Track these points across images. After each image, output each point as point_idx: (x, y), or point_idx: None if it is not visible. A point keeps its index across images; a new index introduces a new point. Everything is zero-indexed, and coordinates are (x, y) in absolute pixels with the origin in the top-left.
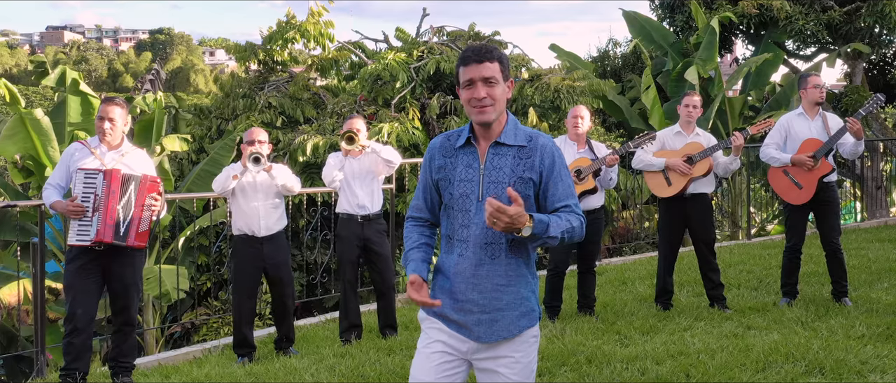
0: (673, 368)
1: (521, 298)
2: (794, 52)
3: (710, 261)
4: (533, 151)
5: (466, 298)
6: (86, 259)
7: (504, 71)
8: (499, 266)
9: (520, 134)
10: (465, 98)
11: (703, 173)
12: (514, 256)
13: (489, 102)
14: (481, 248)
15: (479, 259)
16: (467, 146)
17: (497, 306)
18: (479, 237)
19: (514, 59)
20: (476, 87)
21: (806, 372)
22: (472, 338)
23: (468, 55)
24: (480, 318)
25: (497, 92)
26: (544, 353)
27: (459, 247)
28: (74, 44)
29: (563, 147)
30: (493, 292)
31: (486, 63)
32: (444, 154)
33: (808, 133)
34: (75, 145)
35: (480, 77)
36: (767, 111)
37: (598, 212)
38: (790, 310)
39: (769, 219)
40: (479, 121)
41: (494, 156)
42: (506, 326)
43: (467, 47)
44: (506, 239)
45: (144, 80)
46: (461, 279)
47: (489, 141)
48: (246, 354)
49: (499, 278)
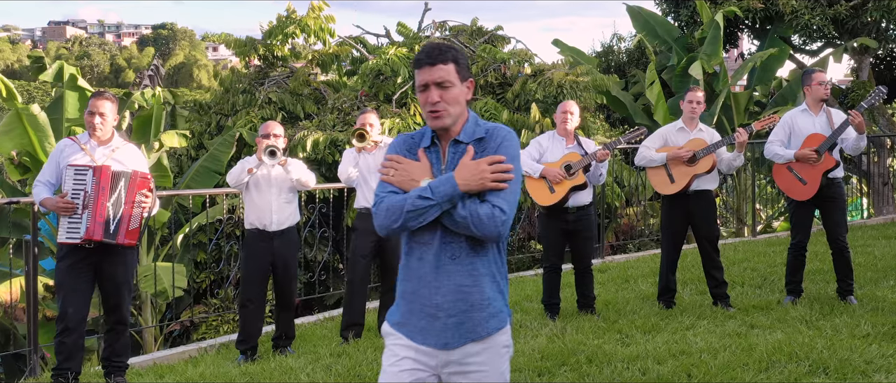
0: (674, 368)
1: (488, 299)
2: (800, 47)
3: (714, 259)
4: (488, 143)
5: (431, 303)
6: (76, 257)
7: (460, 71)
8: (461, 266)
9: (479, 129)
10: (421, 101)
11: (706, 170)
12: (477, 255)
13: (443, 107)
14: (443, 249)
15: (441, 260)
16: (432, 146)
17: (462, 308)
18: (441, 236)
19: (516, 55)
20: (429, 92)
21: (809, 372)
22: (439, 346)
23: (421, 58)
24: (447, 323)
25: (451, 95)
26: (544, 353)
27: (420, 249)
28: (77, 39)
29: (552, 142)
30: (457, 294)
31: (438, 66)
32: (409, 150)
33: (812, 128)
34: (65, 141)
35: (433, 81)
36: (773, 107)
37: (587, 208)
38: (794, 309)
39: (775, 216)
40: (435, 126)
41: (454, 155)
42: (473, 328)
43: (422, 48)
44: (467, 238)
45: (144, 75)
46: (424, 283)
47: (449, 139)
48: (247, 352)
49: (462, 278)
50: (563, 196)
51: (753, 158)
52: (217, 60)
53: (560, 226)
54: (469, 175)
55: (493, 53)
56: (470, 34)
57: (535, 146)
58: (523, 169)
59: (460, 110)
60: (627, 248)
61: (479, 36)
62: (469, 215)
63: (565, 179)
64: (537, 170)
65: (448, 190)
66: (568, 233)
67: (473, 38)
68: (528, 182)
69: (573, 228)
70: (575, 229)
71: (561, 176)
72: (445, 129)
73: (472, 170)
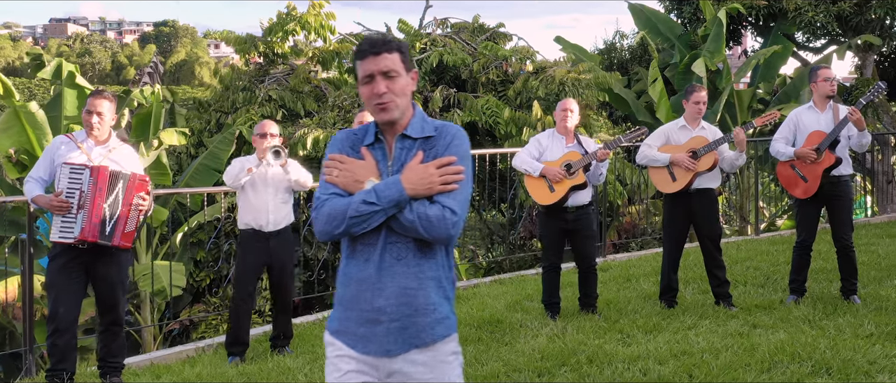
0: (676, 368)
1: (433, 304)
2: (804, 44)
3: (716, 258)
4: (438, 141)
5: (372, 307)
6: (69, 257)
7: (405, 62)
8: (407, 267)
9: (427, 125)
10: (365, 94)
11: (708, 168)
12: (424, 257)
13: (390, 98)
14: (387, 250)
15: (385, 261)
16: (376, 142)
17: (406, 312)
18: (385, 237)
19: (518, 52)
20: (375, 82)
21: (812, 373)
22: (381, 354)
23: (364, 48)
24: (389, 328)
25: (398, 86)
26: (544, 353)
27: (365, 250)
28: (78, 36)
29: (551, 141)
30: (400, 297)
31: (384, 55)
32: (353, 146)
33: (816, 125)
34: (61, 138)
35: (379, 70)
36: (777, 104)
37: (587, 207)
38: (797, 308)
39: (779, 214)
40: (382, 119)
41: (401, 151)
42: (417, 333)
43: (363, 40)
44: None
45: (143, 72)
46: (366, 286)
47: (395, 134)
48: (238, 353)
49: (407, 280)
50: (562, 195)
51: (756, 156)
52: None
53: (559, 225)
54: (416, 179)
55: (494, 51)
56: (472, 31)
57: (534, 144)
58: (523, 167)
59: (407, 103)
60: (630, 247)
61: (481, 33)
62: (417, 218)
63: (565, 178)
64: (537, 169)
65: (394, 194)
66: (567, 232)
67: (475, 35)
68: (528, 180)
69: (573, 228)
70: (574, 228)
71: (561, 175)
72: (392, 123)
73: (419, 173)
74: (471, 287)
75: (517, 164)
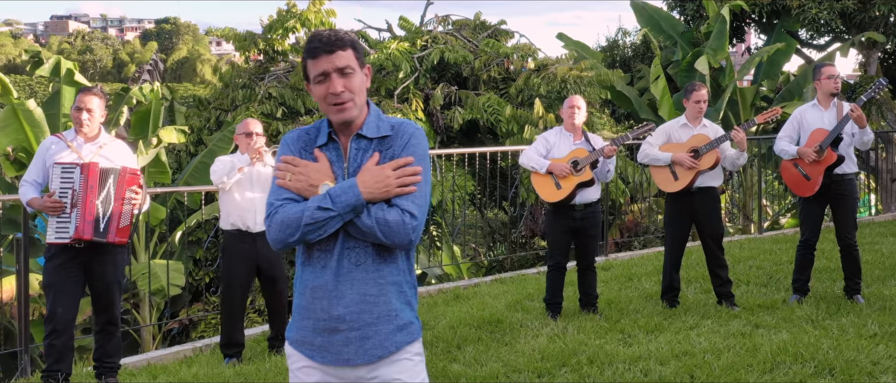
0: (677, 369)
1: (394, 310)
2: (808, 41)
3: (718, 257)
4: (394, 141)
5: (329, 316)
6: (66, 257)
7: (359, 58)
8: (366, 273)
9: (383, 125)
10: (319, 94)
11: (709, 166)
12: (384, 262)
13: (348, 96)
14: (345, 255)
15: (343, 267)
16: (330, 142)
17: (367, 321)
18: (343, 242)
19: (520, 49)
20: (331, 81)
21: (815, 374)
22: (340, 363)
23: (316, 46)
24: (348, 337)
25: (355, 83)
26: (544, 353)
27: (321, 257)
28: (79, 33)
29: (559, 138)
30: (360, 305)
31: (338, 52)
32: (305, 148)
33: (820, 123)
34: (51, 139)
35: (335, 68)
36: (780, 101)
37: (595, 205)
38: (800, 308)
39: (782, 212)
40: (341, 119)
41: (357, 151)
42: (380, 343)
43: (313, 36)
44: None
45: (143, 69)
46: (323, 294)
47: (350, 135)
48: (234, 354)
49: (367, 287)
50: (569, 192)
51: (760, 154)
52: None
53: (566, 223)
54: (372, 181)
55: (496, 48)
56: (473, 28)
57: (541, 142)
58: (530, 164)
59: (363, 101)
60: (632, 246)
61: (483, 30)
62: (375, 223)
63: (572, 175)
64: (543, 166)
65: (350, 199)
66: (574, 230)
67: (477, 32)
68: (534, 178)
69: (580, 226)
70: (581, 227)
71: (567, 171)
72: (349, 123)
73: (375, 175)
74: (471, 286)
75: (524, 162)
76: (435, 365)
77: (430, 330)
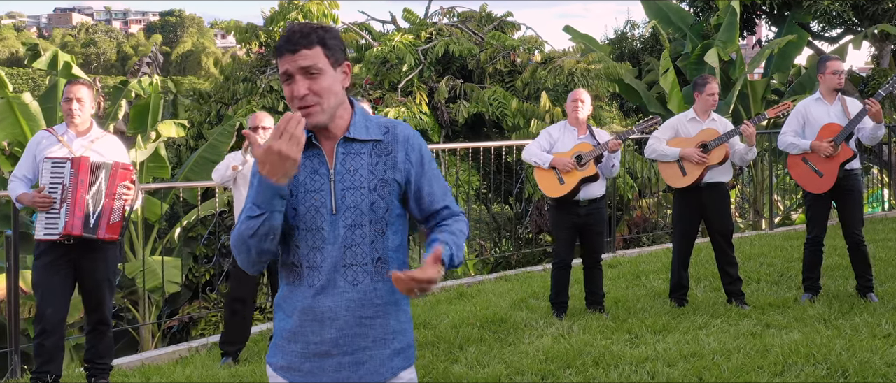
0: (685, 371)
1: (392, 332)
2: (819, 33)
3: (728, 254)
4: (393, 146)
5: (321, 339)
6: (55, 254)
7: (331, 55)
8: (363, 294)
9: (372, 126)
10: (287, 95)
11: (719, 161)
12: (381, 279)
13: (313, 100)
14: (339, 273)
15: (338, 287)
16: (309, 148)
17: (362, 345)
18: (336, 259)
19: (526, 42)
20: (295, 83)
21: (828, 376)
22: None
23: (280, 44)
24: (341, 362)
25: (323, 84)
26: (549, 354)
27: (310, 275)
28: (83, 26)
29: (563, 133)
30: (356, 327)
31: (302, 51)
32: None
33: (827, 118)
34: (42, 133)
35: (298, 68)
36: (791, 94)
37: (599, 201)
38: (812, 307)
39: (794, 207)
40: (308, 125)
41: (346, 156)
42: (375, 368)
43: (284, 32)
44: (371, 257)
45: (142, 61)
46: (313, 316)
47: (336, 138)
48: (232, 354)
49: (363, 309)
50: (572, 187)
51: (771, 148)
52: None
53: (571, 219)
54: (266, 159)
55: (502, 40)
56: (479, 20)
57: (545, 136)
58: (532, 159)
59: (337, 102)
60: (641, 242)
61: (488, 22)
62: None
63: (575, 169)
64: (546, 161)
65: (266, 191)
66: (579, 227)
67: (482, 24)
68: (537, 173)
69: (584, 222)
70: (586, 223)
71: (571, 166)
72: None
73: (265, 153)
74: (476, 284)
75: (526, 157)
76: (436, 366)
77: (431, 329)
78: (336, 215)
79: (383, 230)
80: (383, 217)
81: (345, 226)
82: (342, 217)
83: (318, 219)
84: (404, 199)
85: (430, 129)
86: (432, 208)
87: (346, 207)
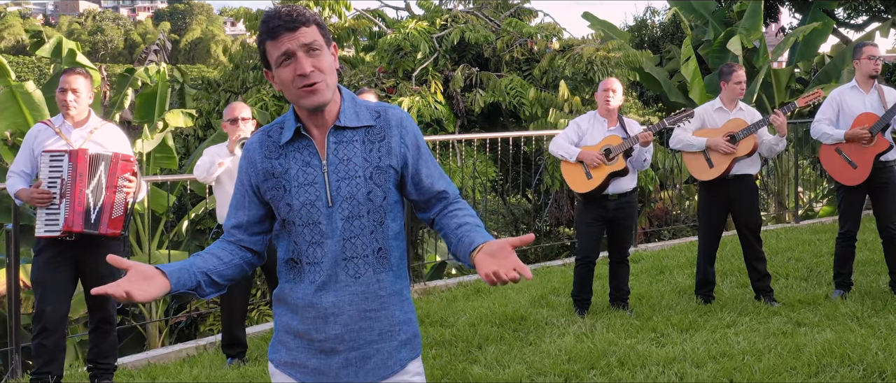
0: (715, 372)
1: (398, 324)
2: (845, 21)
3: (756, 249)
4: (386, 131)
5: (327, 336)
6: (55, 251)
7: (325, 35)
8: (366, 286)
9: (362, 111)
10: (285, 78)
11: (747, 153)
12: (383, 270)
13: (319, 77)
14: (340, 267)
15: (339, 281)
16: (298, 139)
17: (368, 339)
18: (336, 253)
19: (544, 29)
20: (298, 61)
21: (864, 377)
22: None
23: (276, 25)
24: (348, 358)
25: (324, 62)
26: (571, 354)
27: (311, 271)
28: (90, 13)
29: (592, 124)
30: (361, 321)
31: (301, 29)
32: (269, 155)
33: (863, 107)
34: (38, 126)
35: (300, 45)
36: (816, 84)
37: (630, 194)
38: (844, 304)
39: (817, 199)
40: (313, 104)
41: (338, 145)
42: (382, 362)
43: (269, 15)
44: (372, 248)
45: (149, 49)
46: (317, 312)
47: (326, 127)
48: (237, 355)
49: (367, 302)
50: (600, 182)
51: (796, 138)
52: (235, 35)
53: (599, 213)
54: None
55: (519, 27)
56: (495, 7)
57: (574, 128)
58: (559, 153)
59: (335, 82)
60: (662, 235)
61: (505, 9)
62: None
63: (603, 164)
64: (574, 154)
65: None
66: (606, 221)
67: (499, 11)
68: (564, 166)
69: (613, 216)
70: (614, 217)
71: (599, 160)
72: (322, 109)
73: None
74: None
75: (553, 150)
76: (454, 367)
77: (449, 327)
78: (332, 207)
79: (382, 219)
80: (381, 205)
81: (342, 218)
82: (339, 209)
83: (315, 213)
84: (400, 185)
85: (445, 119)
86: (432, 191)
87: (343, 198)
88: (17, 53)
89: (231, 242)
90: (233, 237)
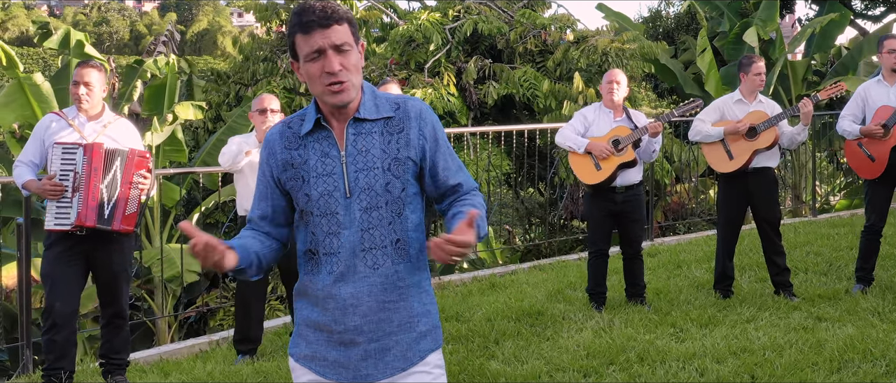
0: (736, 368)
1: (417, 315)
2: (862, 12)
3: (775, 243)
4: (405, 122)
5: (346, 327)
6: (66, 245)
7: (354, 33)
8: (385, 278)
9: (382, 103)
10: (313, 73)
11: (767, 145)
12: (401, 261)
13: (346, 76)
14: (359, 258)
15: (358, 272)
16: (318, 130)
17: (387, 330)
18: (354, 244)
19: (558, 20)
20: (327, 58)
21: (887, 374)
22: (360, 378)
23: (310, 19)
24: (368, 350)
25: (352, 60)
26: (590, 349)
27: (329, 262)
28: (95, 4)
29: (598, 115)
30: (380, 312)
31: (334, 26)
32: (288, 146)
33: (886, 100)
34: (50, 116)
35: (331, 44)
36: (833, 76)
37: (637, 187)
38: (864, 299)
39: (834, 192)
40: (338, 102)
41: (357, 137)
42: (402, 354)
43: (303, 9)
44: (390, 239)
45: (158, 41)
46: (335, 303)
47: (346, 119)
48: (248, 351)
49: (386, 293)
50: (609, 174)
51: (813, 131)
52: (242, 27)
53: (607, 206)
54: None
55: (532, 18)
56: None
57: (579, 119)
58: (566, 144)
59: (360, 81)
60: (678, 229)
61: (518, 0)
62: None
63: (613, 155)
64: (582, 145)
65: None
66: (615, 214)
67: (512, 2)
68: (572, 158)
69: (621, 210)
70: (623, 211)
71: (608, 151)
72: (345, 106)
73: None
74: (508, 273)
75: (560, 141)
76: (472, 362)
77: (465, 322)
78: (350, 198)
79: (401, 210)
80: (400, 197)
81: (360, 208)
82: (357, 200)
83: (333, 203)
84: (419, 177)
85: (458, 111)
86: (448, 184)
87: (361, 189)
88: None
89: (261, 232)
90: (260, 227)
